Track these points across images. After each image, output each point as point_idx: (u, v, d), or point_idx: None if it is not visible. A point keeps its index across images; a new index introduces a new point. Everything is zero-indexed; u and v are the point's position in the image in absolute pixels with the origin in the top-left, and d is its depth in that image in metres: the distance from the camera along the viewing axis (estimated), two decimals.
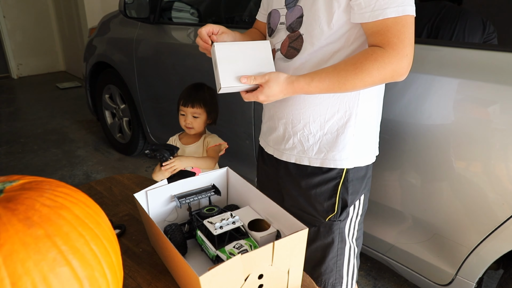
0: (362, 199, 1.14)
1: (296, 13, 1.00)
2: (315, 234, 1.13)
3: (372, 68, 0.87)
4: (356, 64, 0.88)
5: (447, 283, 1.44)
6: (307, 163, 1.09)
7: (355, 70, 0.88)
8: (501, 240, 1.25)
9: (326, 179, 1.08)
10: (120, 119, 3.12)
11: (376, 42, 0.88)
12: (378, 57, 0.86)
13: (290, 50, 1.04)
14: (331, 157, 1.06)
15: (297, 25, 1.01)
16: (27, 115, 4.27)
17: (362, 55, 0.89)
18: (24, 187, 0.62)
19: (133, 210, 1.10)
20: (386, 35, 0.86)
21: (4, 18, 5.52)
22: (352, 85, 0.90)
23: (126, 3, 2.50)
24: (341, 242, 1.13)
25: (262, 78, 0.96)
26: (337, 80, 0.90)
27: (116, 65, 2.83)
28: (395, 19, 0.85)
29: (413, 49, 0.88)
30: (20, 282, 0.51)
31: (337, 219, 1.10)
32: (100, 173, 2.99)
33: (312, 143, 1.07)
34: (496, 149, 1.20)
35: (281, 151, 1.14)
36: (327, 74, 0.91)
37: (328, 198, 1.09)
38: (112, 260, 0.65)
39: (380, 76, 0.88)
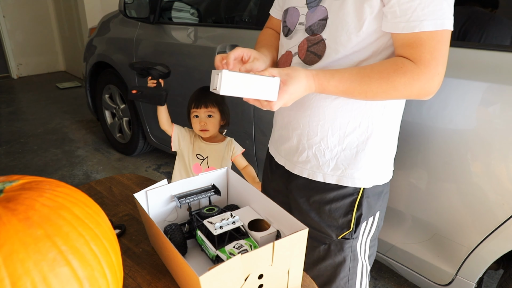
0: (378, 215, 1.06)
1: (319, 14, 0.90)
2: (325, 252, 1.05)
3: (399, 83, 0.80)
4: (383, 73, 0.81)
5: (447, 283, 1.44)
6: (321, 179, 1.01)
7: (380, 79, 0.80)
8: (501, 240, 1.25)
9: (342, 194, 1.00)
10: (120, 119, 3.12)
11: (406, 55, 0.80)
12: (408, 71, 0.79)
13: (309, 55, 0.94)
14: (349, 174, 0.98)
15: (319, 28, 0.91)
16: (27, 115, 4.27)
17: (391, 65, 0.81)
18: (24, 187, 0.62)
19: (133, 210, 1.10)
20: (419, 50, 0.78)
21: (4, 18, 5.52)
22: (373, 94, 0.83)
23: (126, 3, 2.50)
24: (353, 261, 1.06)
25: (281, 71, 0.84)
26: (359, 85, 0.82)
27: (116, 65, 2.83)
28: (431, 33, 0.77)
29: (445, 67, 0.81)
30: (20, 282, 0.51)
31: (351, 237, 1.03)
32: (100, 173, 2.99)
33: (328, 158, 0.99)
34: (496, 149, 1.20)
35: (294, 163, 1.06)
36: (350, 76, 0.83)
37: (343, 215, 1.01)
38: (112, 260, 0.65)
39: (406, 92, 0.81)
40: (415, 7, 0.76)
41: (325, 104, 0.95)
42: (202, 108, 1.59)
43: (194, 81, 2.22)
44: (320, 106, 0.96)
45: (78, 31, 5.39)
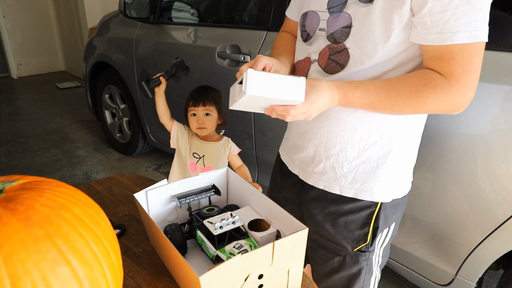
0: (393, 226, 1.03)
1: (342, 22, 0.85)
2: (339, 264, 1.02)
3: (428, 98, 0.75)
4: (411, 87, 0.76)
5: (447, 283, 1.44)
6: (337, 192, 0.97)
7: (408, 94, 0.76)
8: (501, 240, 1.25)
9: (359, 207, 0.96)
10: (120, 119, 3.12)
11: (436, 68, 0.76)
12: (438, 86, 0.74)
13: (331, 63, 0.89)
14: (368, 188, 0.94)
15: (343, 36, 0.86)
16: (27, 115, 4.27)
17: (420, 79, 0.76)
18: (24, 187, 0.62)
19: (133, 210, 1.10)
20: (450, 63, 0.73)
21: (4, 18, 5.52)
22: (400, 109, 0.78)
23: (126, 3, 2.50)
24: (368, 273, 1.03)
25: None
26: (385, 98, 0.77)
27: (116, 65, 2.83)
28: (464, 46, 0.72)
29: (477, 80, 0.76)
30: (20, 282, 0.51)
31: (367, 250, 1.00)
32: (100, 173, 2.99)
33: (346, 170, 0.94)
34: (496, 149, 1.20)
35: (309, 173, 1.01)
36: (376, 89, 0.78)
37: (360, 227, 0.98)
38: (112, 260, 0.65)
39: (435, 107, 0.77)
40: (448, 17, 0.71)
41: (345, 115, 0.90)
42: (200, 106, 1.59)
43: (194, 81, 2.22)
44: (340, 116, 0.91)
45: (78, 31, 5.40)
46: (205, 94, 1.62)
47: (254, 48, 1.86)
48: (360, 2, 0.82)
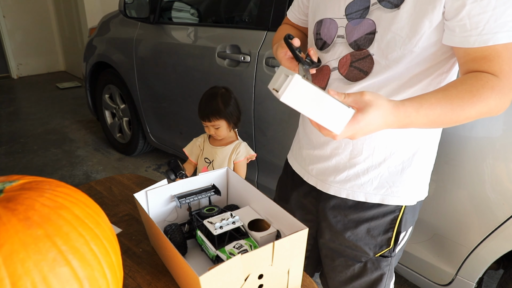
0: (410, 229, 1.02)
1: (365, 28, 0.82)
2: (360, 270, 1.01)
3: (490, 98, 0.71)
4: (472, 91, 0.71)
5: (447, 283, 1.44)
6: (363, 199, 0.94)
7: (472, 98, 0.71)
8: (501, 240, 1.25)
9: (383, 212, 0.95)
10: (120, 119, 3.12)
11: (482, 69, 0.73)
12: (495, 85, 0.71)
13: (353, 71, 0.86)
14: (394, 192, 0.92)
15: (366, 42, 0.83)
16: (27, 115, 4.27)
17: (476, 81, 0.72)
18: (24, 187, 0.62)
19: (133, 210, 1.10)
20: (497, 62, 0.72)
21: (4, 18, 5.52)
22: (466, 116, 0.73)
23: (126, 3, 2.50)
24: (389, 278, 1.02)
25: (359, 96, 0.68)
26: (450, 108, 0.71)
27: (116, 65, 2.83)
28: (506, 45, 0.71)
29: None
30: (20, 282, 0.51)
31: (390, 255, 0.99)
32: (100, 173, 2.99)
33: (372, 177, 0.92)
34: (496, 149, 1.20)
35: (329, 183, 0.97)
36: (438, 101, 0.71)
37: (383, 233, 0.96)
38: (112, 260, 0.65)
39: (496, 108, 0.73)
40: (487, 19, 0.70)
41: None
42: (206, 122, 1.63)
43: (194, 81, 2.22)
44: None
45: (78, 31, 5.40)
46: (210, 107, 1.62)
47: (254, 48, 1.86)
48: (385, 8, 0.79)
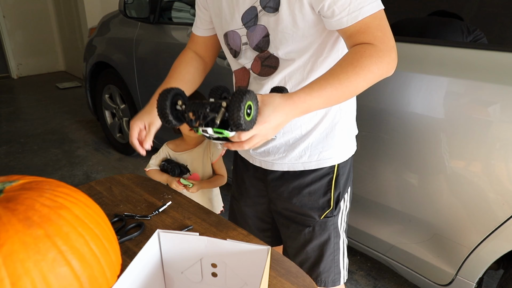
0: (349, 190, 1.13)
1: (260, 33, 0.94)
2: (310, 234, 1.11)
3: (371, 64, 0.80)
4: (353, 63, 0.80)
5: (447, 283, 1.44)
6: (301, 169, 1.06)
7: (354, 69, 0.80)
8: (501, 240, 1.25)
9: (319, 176, 1.07)
10: (120, 119, 3.12)
11: (360, 41, 0.83)
12: (372, 52, 0.81)
13: (264, 68, 0.99)
14: (325, 156, 1.04)
15: (265, 44, 0.95)
16: (27, 115, 4.27)
17: (355, 53, 0.82)
18: (24, 187, 0.62)
19: (133, 210, 1.10)
20: (369, 32, 0.82)
21: (4, 18, 5.53)
22: (355, 86, 0.81)
23: (126, 3, 2.50)
24: (336, 237, 1.12)
25: None
26: (339, 83, 0.79)
27: (116, 65, 2.83)
28: (372, 16, 0.82)
29: (393, 38, 0.85)
30: (20, 282, 0.51)
31: (332, 215, 1.10)
32: (100, 173, 2.99)
33: (304, 148, 1.04)
34: (496, 149, 1.20)
35: (271, 162, 1.09)
36: (326, 80, 0.80)
37: (323, 195, 1.08)
38: (112, 260, 0.65)
39: (380, 71, 0.83)
40: (349, 0, 0.81)
41: None
42: None
43: None
44: None
45: (78, 31, 5.40)
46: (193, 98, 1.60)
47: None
48: (268, 13, 0.90)
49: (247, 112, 0.68)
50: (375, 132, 1.45)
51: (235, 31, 0.99)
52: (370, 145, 1.48)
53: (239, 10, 0.95)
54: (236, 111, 0.65)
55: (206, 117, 0.71)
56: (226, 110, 0.69)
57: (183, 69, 1.12)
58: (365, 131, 1.17)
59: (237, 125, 0.67)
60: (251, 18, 0.94)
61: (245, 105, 0.66)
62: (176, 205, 1.12)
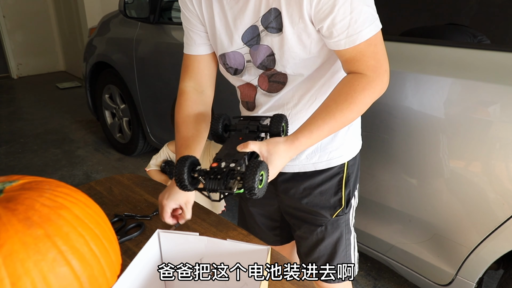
0: (358, 186, 1.14)
1: (264, 52, 0.92)
2: (322, 234, 1.11)
3: (364, 98, 0.84)
4: (347, 100, 0.84)
5: (447, 283, 1.44)
6: (312, 169, 1.06)
7: (349, 106, 0.84)
8: (501, 240, 1.25)
9: (330, 175, 1.07)
10: (120, 119, 3.12)
11: (353, 69, 0.86)
12: (366, 85, 0.83)
13: (273, 84, 0.98)
14: (335, 155, 1.05)
15: (270, 63, 0.93)
16: (27, 115, 4.27)
17: (349, 88, 0.84)
18: (24, 187, 0.62)
19: (133, 210, 1.10)
20: (363, 61, 0.83)
21: (4, 18, 5.52)
22: (350, 119, 0.87)
23: (126, 3, 2.50)
24: (347, 233, 1.13)
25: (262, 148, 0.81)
26: (335, 122, 0.84)
27: (116, 65, 2.83)
28: (368, 41, 0.82)
29: (387, 61, 0.86)
30: (20, 282, 0.51)
31: (344, 213, 1.10)
32: (100, 173, 2.99)
33: (313, 148, 1.04)
34: (496, 149, 1.20)
35: None
36: (324, 121, 0.84)
37: (334, 194, 1.08)
38: (112, 260, 0.65)
39: (372, 100, 0.86)
40: (348, 22, 0.80)
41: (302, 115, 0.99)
42: None
43: None
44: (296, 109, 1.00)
45: (78, 31, 5.39)
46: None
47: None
48: (271, 33, 0.88)
49: (260, 180, 0.75)
50: (374, 132, 1.45)
51: (236, 51, 0.96)
52: (370, 145, 1.48)
53: (237, 32, 0.92)
54: (251, 183, 0.73)
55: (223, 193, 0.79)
56: (240, 180, 0.76)
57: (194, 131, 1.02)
58: (365, 131, 1.17)
59: (251, 194, 0.74)
60: (252, 37, 0.92)
61: (258, 177, 0.74)
62: None
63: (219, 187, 0.76)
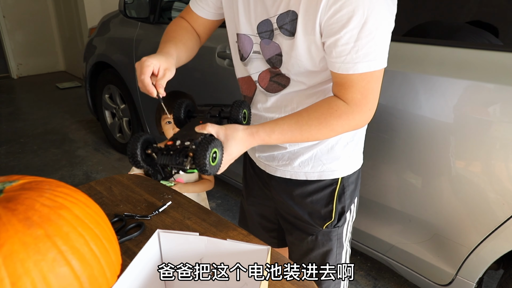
0: (356, 201, 1.11)
1: (274, 49, 0.91)
2: (313, 243, 1.10)
3: (336, 125, 0.84)
4: (320, 119, 0.84)
5: (447, 283, 1.44)
6: (303, 178, 1.05)
7: (319, 125, 0.84)
8: (501, 240, 1.25)
9: (322, 186, 1.05)
10: (120, 119, 3.12)
11: (339, 95, 0.85)
12: (343, 114, 0.83)
13: (273, 84, 0.97)
14: (328, 168, 1.02)
15: (277, 62, 0.92)
16: (27, 115, 4.26)
17: (327, 109, 0.84)
18: (24, 187, 0.62)
19: (133, 210, 1.10)
20: (350, 91, 0.82)
21: (4, 18, 5.52)
22: (314, 138, 0.88)
23: (126, 3, 2.50)
24: (339, 247, 1.11)
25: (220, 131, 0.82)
26: (299, 134, 0.85)
27: (116, 65, 2.83)
28: (361, 75, 0.80)
29: (376, 101, 0.85)
30: (20, 282, 0.51)
31: (335, 226, 1.08)
32: (100, 173, 2.99)
33: (307, 157, 1.02)
34: (496, 149, 1.20)
35: (274, 167, 1.08)
36: (290, 127, 0.85)
37: (325, 205, 1.06)
38: (112, 260, 0.65)
39: (343, 130, 0.87)
40: (349, 49, 0.78)
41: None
42: None
43: (194, 81, 2.22)
44: None
45: (78, 31, 5.39)
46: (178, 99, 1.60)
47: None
48: (284, 35, 0.87)
49: (213, 157, 0.75)
50: (374, 132, 1.45)
51: (247, 36, 0.95)
52: (370, 145, 1.48)
53: (256, 18, 0.90)
54: (202, 159, 0.73)
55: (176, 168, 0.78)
56: (193, 158, 0.75)
57: (184, 35, 1.02)
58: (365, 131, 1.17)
59: (203, 171, 0.74)
60: (266, 30, 0.90)
61: (210, 153, 0.74)
62: (176, 205, 1.12)
63: (170, 162, 0.75)
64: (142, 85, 0.85)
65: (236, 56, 1.03)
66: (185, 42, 1.01)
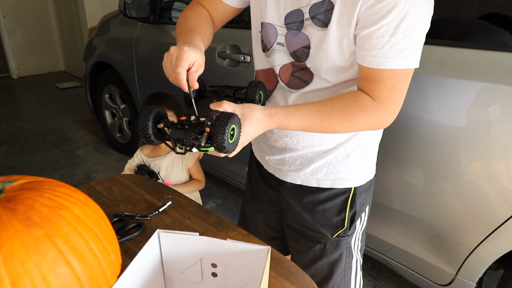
0: (367, 209, 1.08)
1: (301, 41, 0.87)
2: (321, 251, 1.06)
3: (359, 120, 0.81)
4: (343, 111, 0.81)
5: (447, 283, 1.44)
6: (315, 185, 1.01)
7: (341, 117, 0.81)
8: (501, 240, 1.25)
9: (335, 194, 1.01)
10: (120, 119, 3.12)
11: (366, 90, 0.81)
12: (368, 109, 0.80)
13: (294, 80, 0.92)
14: (342, 177, 0.99)
15: (303, 55, 0.88)
16: (27, 115, 4.26)
17: (351, 102, 0.81)
18: (24, 187, 0.62)
19: (133, 210, 1.10)
20: (378, 87, 0.79)
21: (4, 18, 5.52)
22: (334, 130, 0.83)
23: (126, 3, 2.50)
24: (348, 256, 1.07)
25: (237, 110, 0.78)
26: (320, 122, 0.81)
27: (116, 65, 2.83)
28: (392, 71, 0.77)
29: (402, 102, 0.82)
30: (20, 282, 0.51)
31: (345, 235, 1.04)
32: (100, 173, 2.99)
33: (321, 164, 0.98)
34: (496, 149, 1.20)
35: (285, 172, 1.04)
36: (311, 114, 0.81)
37: (337, 214, 1.02)
38: (112, 260, 0.65)
39: (365, 127, 0.83)
40: (383, 43, 0.75)
41: None
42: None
43: None
44: None
45: (78, 31, 5.39)
46: (160, 100, 1.59)
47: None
48: (316, 25, 0.83)
49: (231, 134, 0.70)
50: None
51: (273, 25, 0.90)
52: None
53: (286, 7, 0.86)
54: (220, 134, 0.68)
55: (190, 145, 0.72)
56: (210, 133, 0.70)
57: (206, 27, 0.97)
58: None
59: (220, 148, 0.69)
60: (295, 21, 0.86)
61: (229, 129, 0.69)
62: (176, 205, 1.12)
63: (185, 136, 0.69)
64: (175, 78, 0.78)
65: (258, 46, 0.98)
66: (207, 35, 0.97)
